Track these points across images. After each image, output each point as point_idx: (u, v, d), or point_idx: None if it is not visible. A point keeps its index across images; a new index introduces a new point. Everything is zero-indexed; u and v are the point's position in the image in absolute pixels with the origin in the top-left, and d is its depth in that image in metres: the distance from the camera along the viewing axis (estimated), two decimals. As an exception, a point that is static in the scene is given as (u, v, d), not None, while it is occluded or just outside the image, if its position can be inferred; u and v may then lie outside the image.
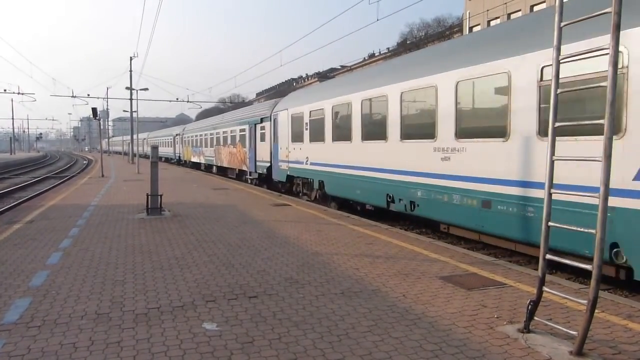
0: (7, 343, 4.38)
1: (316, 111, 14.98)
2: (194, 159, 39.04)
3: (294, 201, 15.56)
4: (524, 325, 4.62)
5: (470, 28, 40.31)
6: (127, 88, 42.97)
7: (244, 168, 24.51)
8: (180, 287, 6.08)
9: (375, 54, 69.06)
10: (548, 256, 4.48)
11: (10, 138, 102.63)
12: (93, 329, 4.70)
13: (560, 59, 4.40)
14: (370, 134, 11.96)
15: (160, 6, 22.28)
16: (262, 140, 21.34)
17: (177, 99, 55.36)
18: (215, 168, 32.83)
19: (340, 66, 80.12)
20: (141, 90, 44.36)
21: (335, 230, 10.19)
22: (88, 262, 7.36)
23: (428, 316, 5.07)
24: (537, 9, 34.34)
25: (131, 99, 43.45)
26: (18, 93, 54.61)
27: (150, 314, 5.12)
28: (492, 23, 37.84)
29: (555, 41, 4.40)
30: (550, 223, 4.47)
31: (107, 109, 67.20)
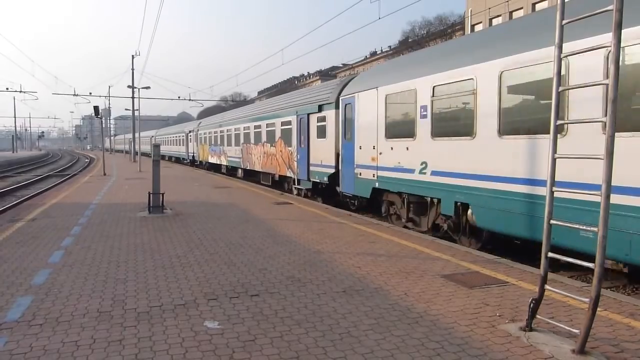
0: (9, 341, 4.39)
1: (452, 85, 9.14)
2: (212, 160, 32.70)
3: (296, 199, 15.56)
4: (526, 323, 4.61)
5: (472, 26, 40.21)
6: (129, 86, 43.09)
7: (289, 174, 18.13)
8: (182, 286, 6.08)
9: (377, 52, 69.05)
10: (550, 254, 4.48)
11: (12, 136, 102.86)
12: (95, 327, 4.71)
13: (561, 57, 4.39)
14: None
15: (162, 5, 22.29)
16: (322, 136, 15.26)
17: (179, 98, 55.48)
18: (241, 172, 26.67)
19: (342, 64, 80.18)
20: (143, 88, 44.44)
21: (337, 228, 10.18)
22: (90, 261, 7.37)
23: (430, 314, 5.07)
24: (539, 7, 34.25)
25: (133, 97, 43.55)
26: (20, 91, 54.72)
27: (152, 312, 5.13)
28: (494, 21, 37.76)
29: (557, 39, 4.39)
30: (552, 221, 4.46)
31: (109, 107, 67.18)
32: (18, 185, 24.98)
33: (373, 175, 11.85)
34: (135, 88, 43.15)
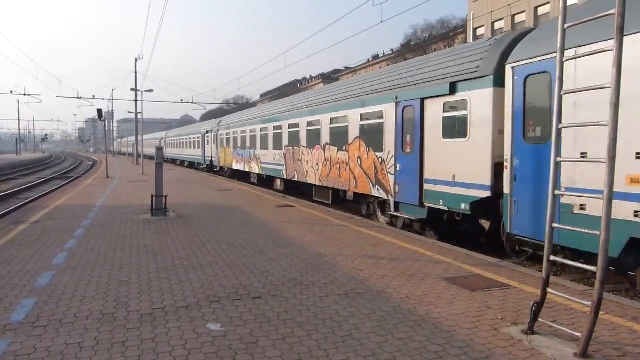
0: (14, 342, 4.41)
1: None
2: (238, 167, 25.98)
3: (298, 202, 15.57)
4: (528, 326, 4.61)
5: (474, 30, 40.25)
6: (132, 89, 43.17)
7: (376, 193, 12.32)
8: (184, 288, 6.10)
9: (379, 55, 69.11)
10: (552, 257, 4.48)
11: (16, 139, 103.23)
12: (98, 329, 4.73)
13: (563, 60, 4.41)
14: None
15: (165, 8, 22.41)
16: (455, 134, 9.58)
17: (182, 101, 55.54)
18: (280, 183, 20.37)
19: (344, 67, 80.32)
20: (146, 91, 44.51)
21: (339, 231, 10.20)
22: (93, 263, 7.40)
23: (432, 317, 5.08)
24: (542, 11, 34.27)
25: (136, 100, 43.68)
26: (24, 94, 54.90)
27: (155, 314, 5.15)
28: (496, 25, 37.79)
29: (559, 43, 4.41)
30: (554, 225, 4.47)
31: (112, 110, 67.38)
32: (22, 187, 25.05)
33: (636, 213, 5.97)
34: (138, 91, 43.28)
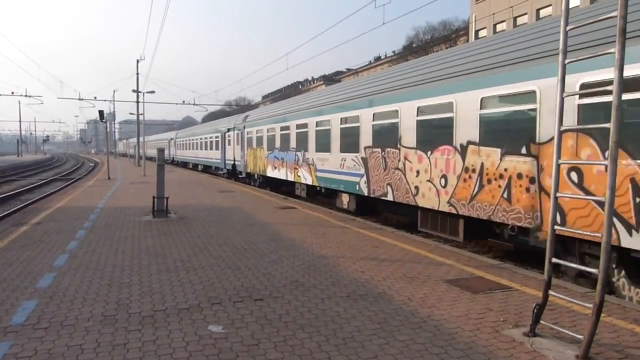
0: (15, 344, 4.41)
1: None
2: (276, 173, 19.52)
3: (300, 204, 15.57)
4: (530, 328, 4.61)
5: (476, 31, 40.26)
6: (134, 91, 43.22)
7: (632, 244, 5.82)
8: (186, 290, 6.10)
9: (381, 57, 69.13)
10: (554, 260, 4.47)
11: (17, 140, 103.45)
12: (99, 331, 4.73)
13: (565, 63, 4.40)
14: None
15: (167, 10, 22.43)
16: None
17: (184, 102, 55.56)
18: (350, 201, 13.97)
19: (346, 69, 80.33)
20: (148, 93, 44.60)
21: (340, 233, 10.19)
22: (94, 265, 7.40)
23: (433, 319, 5.07)
24: (544, 13, 34.28)
25: (137, 102, 43.71)
26: (26, 95, 55.09)
27: (156, 316, 5.15)
28: (498, 27, 37.78)
29: (561, 45, 4.40)
30: (556, 227, 4.46)
31: (114, 112, 67.42)
32: (23, 189, 25.09)
33: None
34: (140, 92, 43.33)
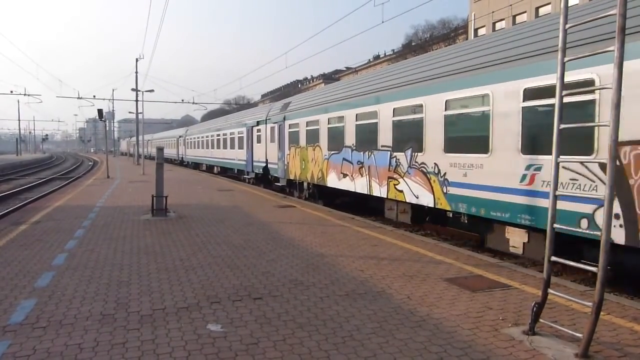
0: (13, 343, 4.41)
1: None
2: (346, 184, 13.38)
3: (299, 203, 15.57)
4: (529, 327, 4.60)
5: (475, 30, 40.24)
6: (133, 89, 43.19)
7: None
8: (185, 289, 6.10)
9: (380, 56, 69.10)
10: (553, 258, 4.47)
11: (16, 139, 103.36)
12: (98, 330, 4.72)
13: (565, 61, 4.40)
14: None
15: (166, 8, 22.41)
16: None
17: (183, 101, 55.42)
18: (525, 240, 7.86)
19: (345, 67, 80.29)
20: (147, 91, 44.50)
21: (340, 232, 10.19)
22: (93, 264, 7.39)
23: (433, 318, 5.07)
24: (543, 11, 34.27)
25: (137, 100, 43.68)
26: (24, 94, 54.92)
27: (155, 315, 5.14)
28: (498, 25, 37.76)
29: (560, 43, 4.40)
30: (555, 225, 4.46)
31: (113, 111, 67.37)
32: (22, 188, 25.04)
33: None
34: (139, 91, 43.28)
